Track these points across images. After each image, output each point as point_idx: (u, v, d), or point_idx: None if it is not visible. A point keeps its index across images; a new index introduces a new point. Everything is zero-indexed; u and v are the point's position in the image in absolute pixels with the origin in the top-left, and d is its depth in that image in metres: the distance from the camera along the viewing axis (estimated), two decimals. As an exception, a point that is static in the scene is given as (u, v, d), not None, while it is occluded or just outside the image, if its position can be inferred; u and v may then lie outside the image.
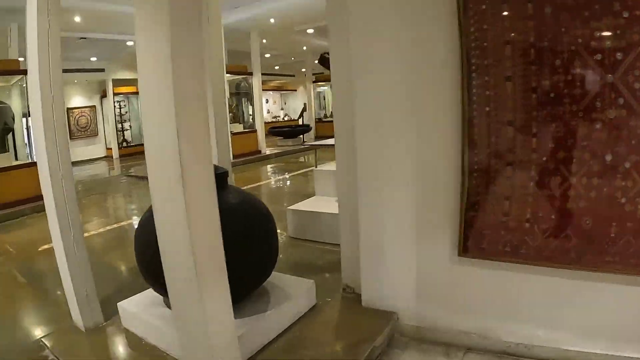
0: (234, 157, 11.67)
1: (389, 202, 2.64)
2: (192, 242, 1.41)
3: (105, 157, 15.21)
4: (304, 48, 15.04)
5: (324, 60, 3.99)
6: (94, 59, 13.11)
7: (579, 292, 2.28)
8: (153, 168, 1.47)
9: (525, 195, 2.30)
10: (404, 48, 2.46)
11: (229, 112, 12.08)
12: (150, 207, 2.68)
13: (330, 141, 8.05)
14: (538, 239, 2.31)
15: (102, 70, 13.94)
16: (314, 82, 18.91)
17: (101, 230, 5.68)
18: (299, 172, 9.96)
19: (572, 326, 2.32)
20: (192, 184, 1.38)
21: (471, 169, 2.37)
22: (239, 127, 13.22)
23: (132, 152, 15.06)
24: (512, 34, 2.16)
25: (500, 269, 2.42)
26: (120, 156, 14.71)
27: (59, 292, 3.13)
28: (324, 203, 4.56)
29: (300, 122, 18.43)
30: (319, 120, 19.19)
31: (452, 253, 2.53)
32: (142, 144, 9.86)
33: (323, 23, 10.72)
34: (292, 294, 2.71)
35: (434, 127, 2.47)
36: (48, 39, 2.29)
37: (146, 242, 2.47)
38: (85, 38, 9.83)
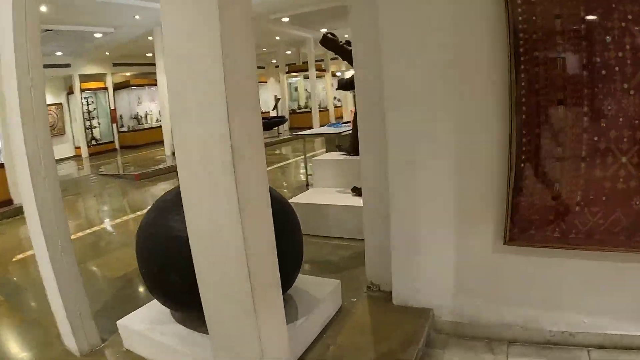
0: (211, 151, 11.10)
1: (425, 189, 2.36)
2: (247, 246, 1.06)
3: (73, 156, 14.29)
4: (277, 38, 14.52)
5: (327, 41, 3.64)
6: (59, 53, 12.21)
7: (625, 275, 2.14)
8: (188, 154, 1.10)
9: (576, 177, 2.11)
10: (444, 20, 2.17)
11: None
12: (153, 207, 2.31)
13: (318, 130, 7.76)
14: (588, 222, 2.13)
15: (68, 65, 12.99)
16: (286, 72, 18.44)
17: (80, 234, 5.17)
18: (278, 164, 9.55)
19: (617, 310, 2.19)
20: (245, 174, 1.03)
21: (519, 151, 2.13)
22: (214, 121, 12.65)
23: (101, 150, 14.21)
24: (562, 8, 1.96)
25: (544, 256, 2.22)
26: (90, 155, 13.84)
27: (44, 310, 2.68)
28: (325, 195, 4.23)
29: (274, 113, 17.95)
30: (293, 112, 18.78)
31: (495, 242, 2.29)
32: (112, 142, 9.13)
33: (300, 11, 10.35)
34: (318, 296, 2.39)
35: (477, 106, 2.21)
36: (25, 12, 1.86)
37: (153, 247, 2.09)
38: (50, 30, 9.04)
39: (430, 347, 2.34)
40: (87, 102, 14.03)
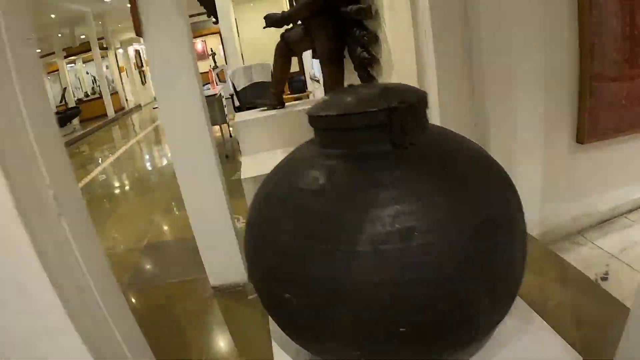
0: None
1: (519, 111, 2.07)
2: None
3: None
4: (52, 16, 11.29)
5: (275, 21, 2.68)
6: None
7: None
8: None
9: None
10: None
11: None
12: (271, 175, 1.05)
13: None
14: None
15: None
16: (65, 57, 14.88)
17: None
18: (107, 162, 7.61)
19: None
20: None
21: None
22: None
23: None
24: None
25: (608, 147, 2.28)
26: None
27: None
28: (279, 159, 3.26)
29: (65, 106, 14.52)
30: (79, 101, 15.62)
31: (570, 143, 2.23)
32: None
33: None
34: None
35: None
36: None
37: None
38: None
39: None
40: None
